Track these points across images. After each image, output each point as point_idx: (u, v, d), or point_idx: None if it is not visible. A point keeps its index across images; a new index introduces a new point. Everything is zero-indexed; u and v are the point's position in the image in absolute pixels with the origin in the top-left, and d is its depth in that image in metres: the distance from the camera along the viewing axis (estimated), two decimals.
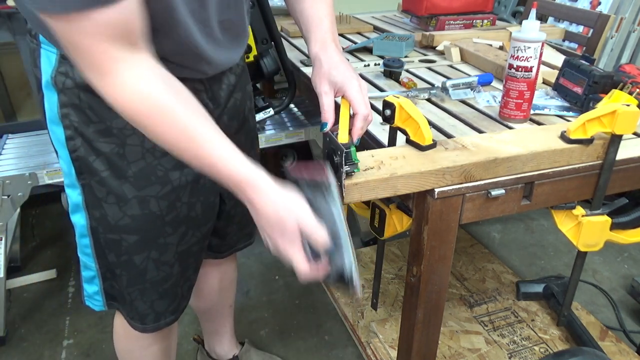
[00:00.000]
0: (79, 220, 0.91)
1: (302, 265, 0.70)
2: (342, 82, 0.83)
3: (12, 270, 1.83)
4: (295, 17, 0.95)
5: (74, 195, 0.88)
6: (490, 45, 1.50)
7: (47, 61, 0.80)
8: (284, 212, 0.68)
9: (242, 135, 1.05)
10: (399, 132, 0.90)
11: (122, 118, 0.76)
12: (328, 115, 0.82)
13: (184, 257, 0.98)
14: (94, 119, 0.81)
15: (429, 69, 1.43)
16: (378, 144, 0.98)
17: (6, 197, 1.44)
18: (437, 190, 0.83)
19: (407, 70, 1.39)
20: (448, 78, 1.30)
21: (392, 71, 1.31)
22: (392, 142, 0.93)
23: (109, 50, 0.62)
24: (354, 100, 0.82)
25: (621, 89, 0.99)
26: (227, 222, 1.12)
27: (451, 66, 1.44)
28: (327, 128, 0.82)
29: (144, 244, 0.91)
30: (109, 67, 0.63)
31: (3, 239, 1.52)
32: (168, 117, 0.66)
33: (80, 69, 0.65)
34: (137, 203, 0.87)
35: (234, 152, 0.69)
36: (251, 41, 1.47)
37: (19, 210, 1.58)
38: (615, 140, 0.88)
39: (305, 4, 0.91)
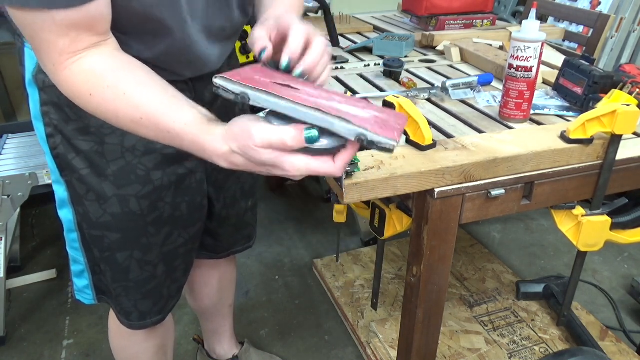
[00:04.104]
0: (66, 215, 0.91)
1: (314, 168, 0.56)
2: (278, 17, 0.68)
3: (12, 270, 1.83)
4: (257, 11, 0.84)
5: (60, 191, 0.89)
6: (490, 45, 1.50)
7: (30, 59, 0.81)
8: (234, 142, 0.58)
9: None
10: None
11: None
12: (261, 42, 0.66)
13: (169, 258, 0.97)
14: (72, 117, 0.81)
15: (429, 69, 1.43)
16: None
17: (6, 197, 1.45)
18: (437, 190, 0.83)
19: (407, 70, 1.39)
20: (448, 78, 1.30)
21: (392, 71, 1.31)
22: None
23: (66, 45, 0.62)
24: (293, 32, 0.66)
25: (621, 89, 0.99)
26: (219, 223, 1.11)
27: (451, 66, 1.44)
28: (265, 54, 0.66)
29: (126, 242, 0.91)
30: (62, 60, 0.63)
31: (3, 239, 1.52)
32: (111, 90, 0.64)
33: (37, 57, 0.65)
34: (117, 202, 0.87)
35: (189, 121, 0.62)
36: None
37: (19, 210, 1.59)
38: (615, 140, 0.88)
39: None
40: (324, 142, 0.55)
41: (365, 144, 0.54)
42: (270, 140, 0.55)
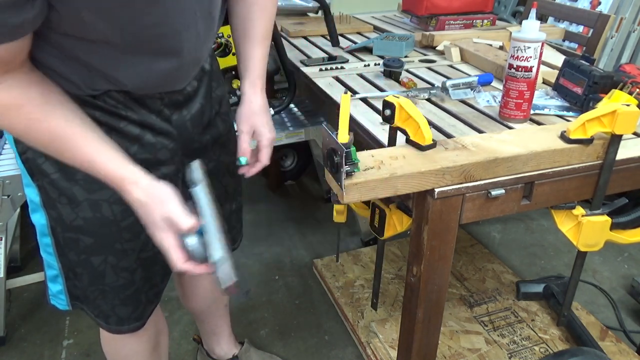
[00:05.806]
0: (39, 219, 0.90)
1: (172, 252, 0.74)
2: (259, 130, 0.97)
3: (12, 270, 1.83)
4: (237, 48, 1.02)
5: (32, 195, 0.88)
6: (490, 45, 1.50)
7: None
8: (150, 199, 0.75)
9: (209, 140, 1.01)
10: (399, 132, 0.90)
11: None
12: (245, 152, 0.96)
13: (148, 264, 0.95)
14: None
15: (429, 69, 1.43)
16: (378, 144, 0.98)
17: (6, 197, 1.44)
18: (437, 190, 0.83)
19: (407, 70, 1.39)
20: (448, 78, 1.30)
21: (392, 71, 1.31)
22: (392, 142, 0.93)
23: None
24: (262, 151, 0.98)
25: (621, 89, 0.99)
26: None
27: (451, 66, 1.44)
28: (244, 162, 0.96)
29: (99, 247, 0.90)
30: None
31: (3, 239, 1.52)
32: (29, 114, 0.69)
33: None
34: (88, 206, 0.86)
35: (109, 152, 0.75)
36: None
37: (19, 210, 1.58)
38: (615, 140, 0.88)
39: (247, 44, 0.99)
40: (194, 243, 0.74)
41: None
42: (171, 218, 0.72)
